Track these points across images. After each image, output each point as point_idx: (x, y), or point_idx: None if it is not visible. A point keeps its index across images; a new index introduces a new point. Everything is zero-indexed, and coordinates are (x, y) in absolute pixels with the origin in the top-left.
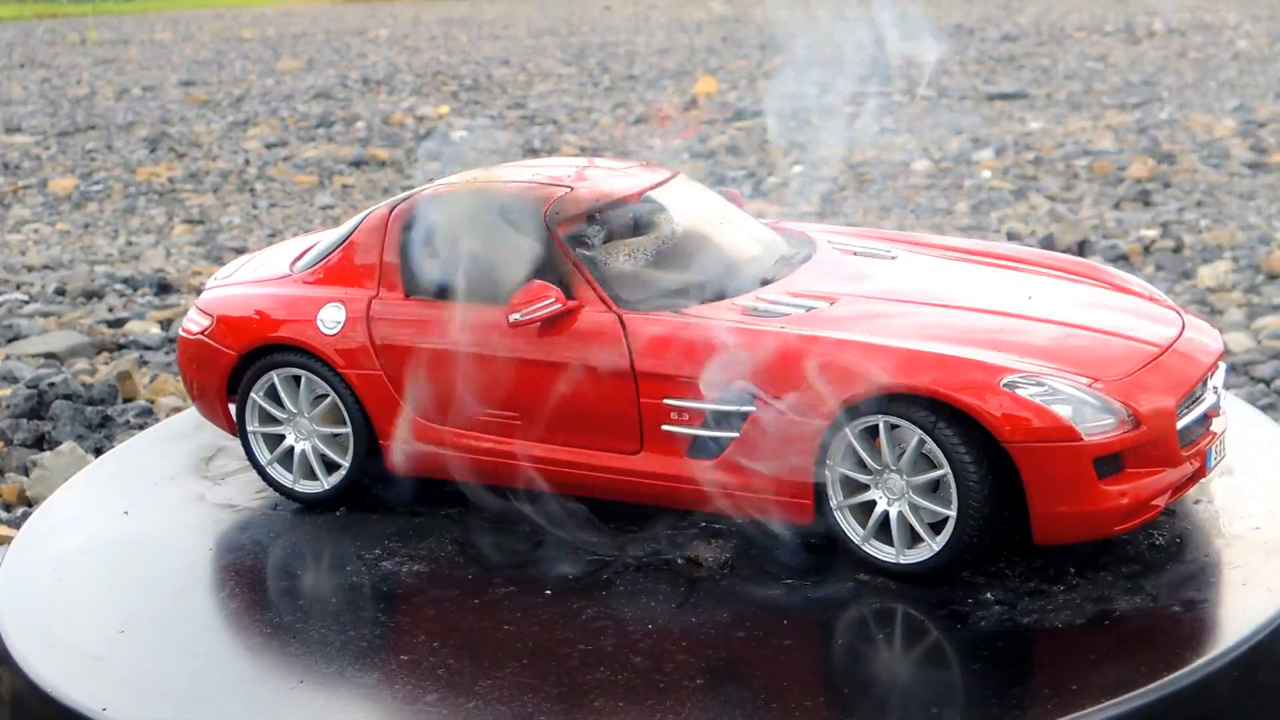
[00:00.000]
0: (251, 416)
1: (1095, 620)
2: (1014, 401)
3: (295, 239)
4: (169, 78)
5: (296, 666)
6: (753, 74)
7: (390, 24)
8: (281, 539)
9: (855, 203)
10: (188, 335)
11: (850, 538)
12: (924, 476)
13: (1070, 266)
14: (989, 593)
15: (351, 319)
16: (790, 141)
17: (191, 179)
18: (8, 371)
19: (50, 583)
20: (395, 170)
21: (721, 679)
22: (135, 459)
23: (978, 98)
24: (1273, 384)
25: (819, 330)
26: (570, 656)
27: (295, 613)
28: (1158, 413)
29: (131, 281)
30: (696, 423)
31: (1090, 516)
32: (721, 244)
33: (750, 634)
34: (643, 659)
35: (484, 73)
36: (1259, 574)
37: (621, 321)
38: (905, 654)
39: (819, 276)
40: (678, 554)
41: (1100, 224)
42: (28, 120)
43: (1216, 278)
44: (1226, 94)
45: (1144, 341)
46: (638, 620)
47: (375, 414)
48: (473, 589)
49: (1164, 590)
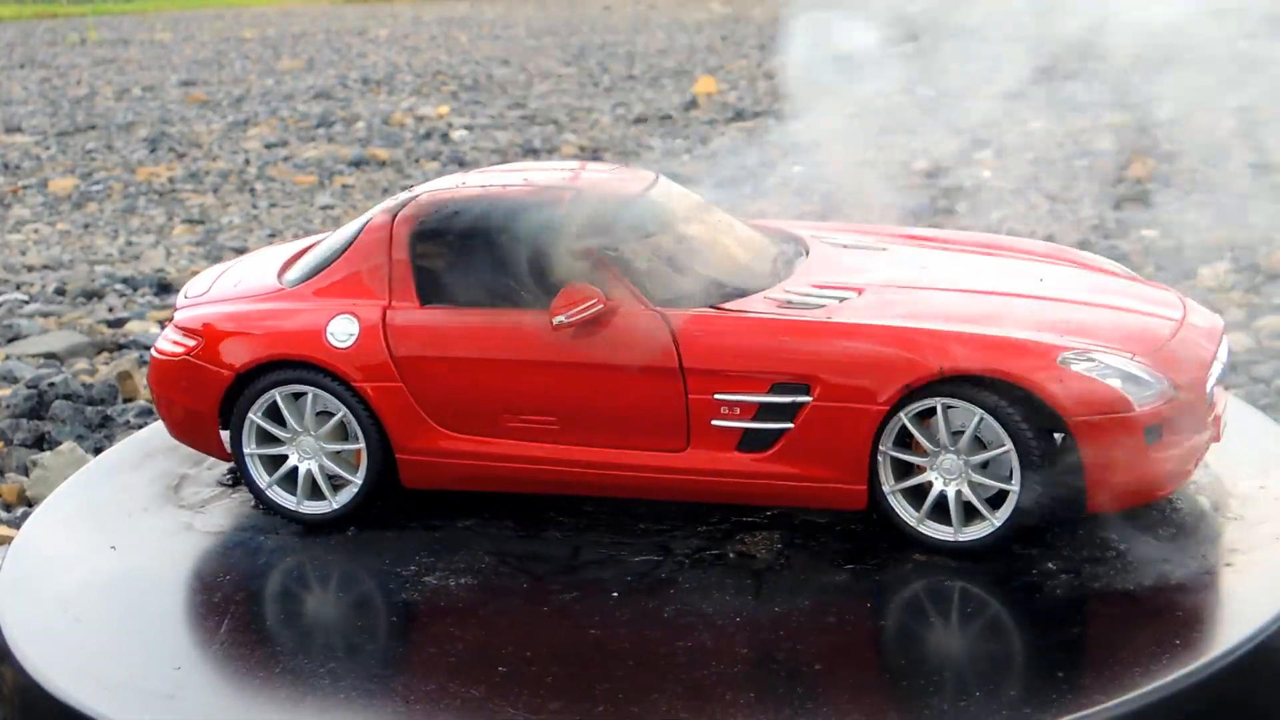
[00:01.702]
0: (249, 439)
1: (1157, 583)
2: (1072, 377)
3: (266, 250)
4: (169, 78)
5: (396, 685)
6: (753, 74)
7: (390, 24)
8: (304, 563)
9: (855, 203)
10: (168, 357)
11: (905, 520)
12: (984, 455)
13: (1042, 250)
14: (1049, 563)
15: (366, 331)
16: (790, 142)
17: (191, 179)
18: (8, 371)
19: (56, 603)
20: (395, 170)
21: (836, 663)
22: (91, 495)
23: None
24: (1273, 384)
25: (868, 319)
26: (675, 654)
27: (361, 634)
28: (1192, 382)
29: (131, 281)
30: (748, 416)
31: (1141, 484)
32: (725, 241)
33: (841, 618)
34: (749, 650)
35: (484, 73)
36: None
37: (666, 319)
38: (1006, 623)
39: (833, 269)
40: (729, 548)
41: (1100, 224)
42: (28, 120)
43: (1216, 278)
44: (1226, 94)
45: (1159, 317)
46: (723, 614)
47: (393, 428)
48: (533, 597)
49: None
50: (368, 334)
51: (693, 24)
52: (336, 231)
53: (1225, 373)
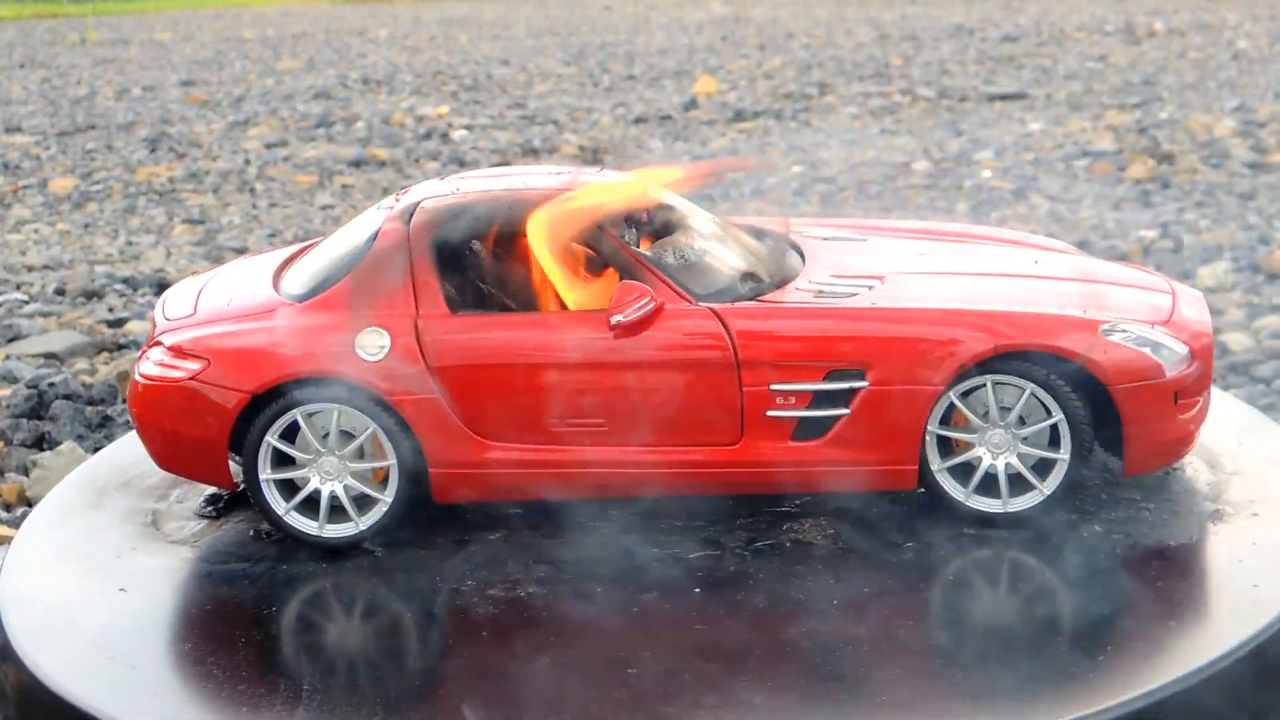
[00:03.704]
0: (264, 463)
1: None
2: (1113, 348)
3: (238, 263)
4: (169, 78)
5: (537, 703)
6: (753, 74)
7: (390, 24)
8: (349, 587)
9: (856, 203)
10: (161, 381)
11: (954, 496)
12: (1034, 427)
13: (998, 235)
14: (1095, 525)
15: (399, 343)
16: (790, 143)
17: (191, 179)
18: (8, 371)
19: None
20: (395, 170)
21: (961, 637)
22: (66, 540)
23: (978, 98)
24: (1273, 384)
25: (914, 303)
26: (797, 642)
27: (474, 646)
28: (1203, 348)
29: (131, 281)
30: (803, 405)
31: (1171, 445)
32: (729, 237)
33: (937, 595)
34: (867, 631)
35: (484, 73)
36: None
37: (716, 314)
38: (1093, 582)
39: (843, 260)
40: (780, 537)
41: (1100, 224)
42: (28, 120)
43: (1216, 278)
44: (1226, 94)
45: (1156, 290)
46: (817, 599)
47: (429, 441)
48: (615, 600)
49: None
50: (400, 346)
51: (693, 24)
52: (331, 240)
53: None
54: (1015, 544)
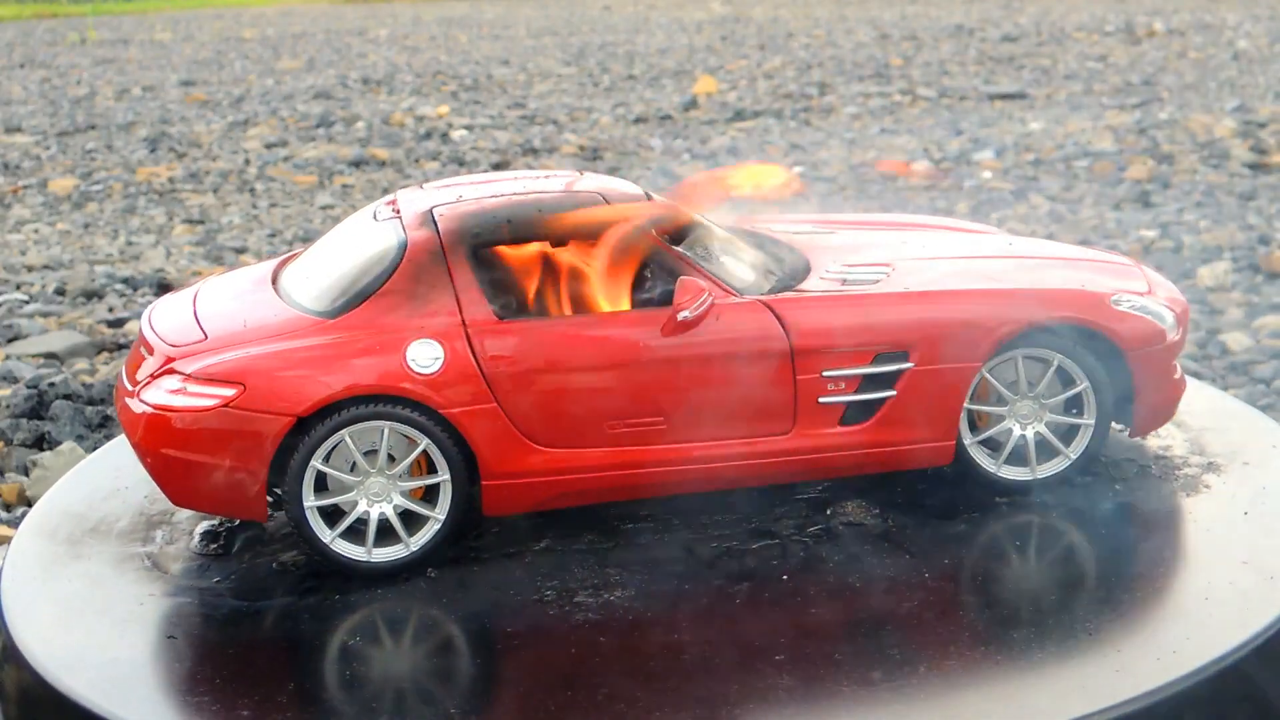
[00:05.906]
0: (308, 490)
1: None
2: (1126, 317)
3: (218, 279)
4: (169, 78)
5: (686, 700)
6: (753, 74)
7: (390, 24)
8: (423, 612)
9: (855, 204)
10: (190, 412)
11: (986, 467)
12: (1061, 396)
13: (927, 222)
14: (1117, 485)
15: (453, 353)
16: (790, 143)
17: (191, 179)
18: (8, 371)
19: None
20: (395, 170)
21: (1037, 610)
22: (67, 594)
23: (978, 98)
24: (1272, 384)
25: (944, 285)
26: (905, 617)
27: (594, 644)
28: (1185, 313)
29: (131, 281)
30: (852, 389)
31: (1171, 405)
32: (733, 235)
33: (999, 567)
34: (968, 599)
35: (484, 73)
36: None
37: (767, 305)
38: (1147, 538)
39: (843, 250)
40: (830, 522)
41: (1100, 224)
42: (28, 120)
43: (1216, 278)
44: (1226, 94)
45: (1126, 265)
46: (903, 576)
47: (485, 453)
48: (708, 597)
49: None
50: (454, 356)
51: (692, 24)
52: (333, 250)
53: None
54: (1056, 507)
